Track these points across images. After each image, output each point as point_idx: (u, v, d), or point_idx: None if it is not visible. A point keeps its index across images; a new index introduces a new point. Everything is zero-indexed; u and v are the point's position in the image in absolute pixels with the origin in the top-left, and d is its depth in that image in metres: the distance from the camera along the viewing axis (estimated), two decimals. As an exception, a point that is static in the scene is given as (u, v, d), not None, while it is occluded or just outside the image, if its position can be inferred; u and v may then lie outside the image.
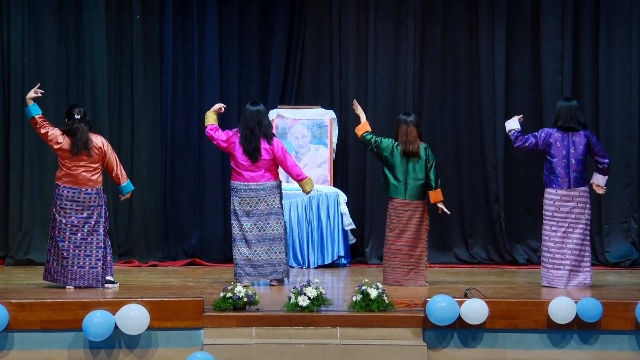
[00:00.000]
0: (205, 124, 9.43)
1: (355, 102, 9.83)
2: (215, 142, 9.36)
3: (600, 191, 9.33)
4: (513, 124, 9.23)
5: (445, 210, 9.46)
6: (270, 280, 9.32)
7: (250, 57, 12.33)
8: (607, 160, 9.17)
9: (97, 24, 11.92)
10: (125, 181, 8.99)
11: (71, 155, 8.64)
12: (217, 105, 9.54)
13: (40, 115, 8.72)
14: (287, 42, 12.32)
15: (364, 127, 9.54)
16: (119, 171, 8.89)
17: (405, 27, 12.35)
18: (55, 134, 8.66)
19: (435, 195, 9.38)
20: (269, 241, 9.26)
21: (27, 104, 8.75)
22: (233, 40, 12.27)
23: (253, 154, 9.19)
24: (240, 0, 12.27)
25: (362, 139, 9.55)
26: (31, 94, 8.76)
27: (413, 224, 9.31)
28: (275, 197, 9.27)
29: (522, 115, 9.44)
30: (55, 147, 8.67)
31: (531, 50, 12.33)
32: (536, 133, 9.14)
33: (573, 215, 8.97)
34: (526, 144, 9.10)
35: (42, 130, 8.67)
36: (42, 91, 8.87)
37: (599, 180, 9.25)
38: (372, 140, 9.43)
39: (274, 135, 9.39)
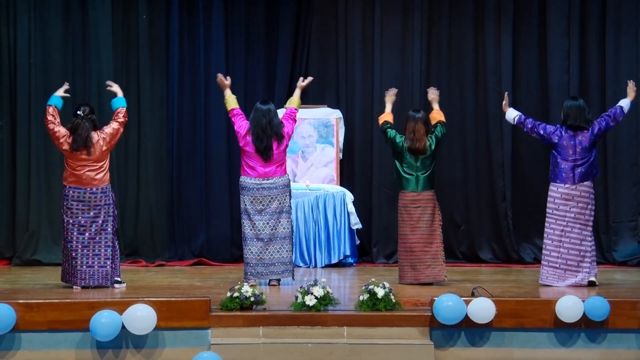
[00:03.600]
0: (228, 108, 9.40)
1: (392, 91, 9.70)
2: (236, 127, 9.32)
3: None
4: (512, 113, 9.36)
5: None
6: (270, 281, 9.30)
7: (256, 57, 12.33)
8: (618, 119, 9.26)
9: (103, 24, 11.94)
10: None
11: (71, 151, 8.63)
12: (221, 79, 9.51)
13: (57, 108, 8.74)
14: (293, 41, 12.32)
15: (385, 116, 9.52)
16: (120, 118, 8.86)
17: (411, 25, 12.35)
18: (60, 132, 8.67)
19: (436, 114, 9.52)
20: (280, 240, 9.23)
21: (56, 94, 8.86)
22: (239, 40, 12.27)
23: (265, 152, 9.17)
24: (246, -1, 12.31)
25: (381, 128, 9.50)
26: (60, 91, 8.87)
27: (425, 220, 9.28)
28: (286, 196, 9.26)
29: (507, 93, 9.56)
30: (61, 145, 8.67)
31: (537, 48, 12.31)
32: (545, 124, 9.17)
33: (572, 215, 8.95)
34: (535, 126, 9.11)
35: (50, 126, 8.68)
36: (68, 95, 8.96)
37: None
38: (389, 134, 9.40)
39: (283, 135, 9.33)
